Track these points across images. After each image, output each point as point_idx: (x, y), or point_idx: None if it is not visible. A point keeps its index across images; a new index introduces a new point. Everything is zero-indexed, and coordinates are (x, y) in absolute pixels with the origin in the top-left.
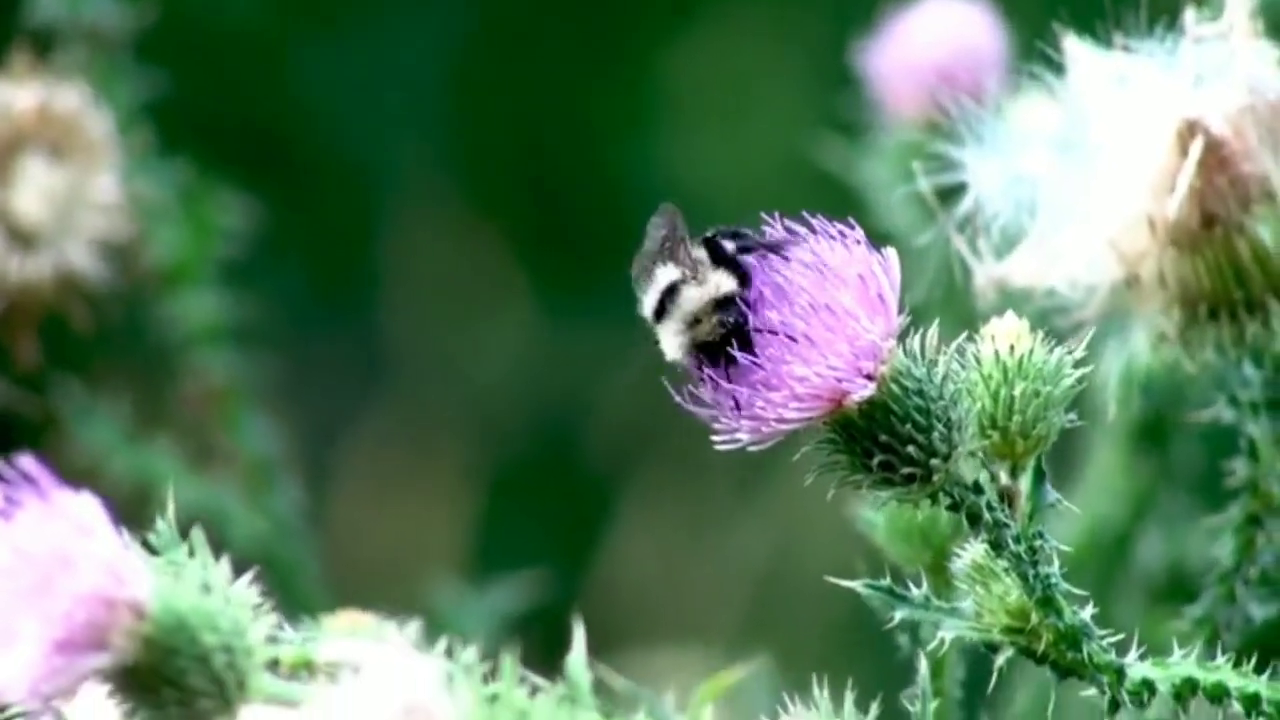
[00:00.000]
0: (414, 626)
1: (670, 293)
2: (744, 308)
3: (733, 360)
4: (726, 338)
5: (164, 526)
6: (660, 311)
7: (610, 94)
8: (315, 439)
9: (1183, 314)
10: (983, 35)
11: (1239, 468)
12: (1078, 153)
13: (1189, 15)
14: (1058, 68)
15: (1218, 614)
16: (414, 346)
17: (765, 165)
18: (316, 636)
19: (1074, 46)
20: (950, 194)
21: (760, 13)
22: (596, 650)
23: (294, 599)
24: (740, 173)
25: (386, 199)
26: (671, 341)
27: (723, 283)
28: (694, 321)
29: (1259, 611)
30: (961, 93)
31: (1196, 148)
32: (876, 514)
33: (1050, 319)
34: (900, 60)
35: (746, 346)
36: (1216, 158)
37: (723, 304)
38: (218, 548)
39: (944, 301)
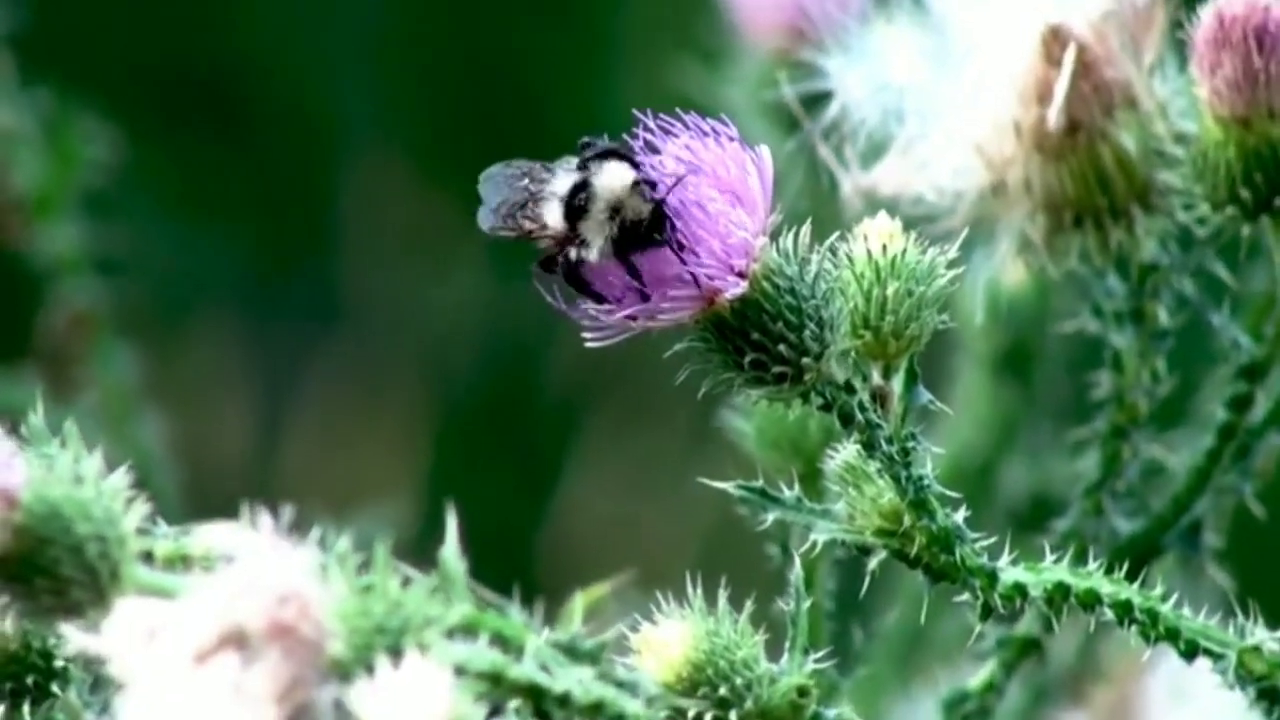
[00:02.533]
0: (286, 515)
1: (581, 188)
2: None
3: (658, 239)
4: (655, 215)
5: (35, 420)
6: (577, 212)
7: (559, 37)
8: (272, 383)
9: (1048, 221)
10: None
11: (1103, 380)
12: (944, 60)
13: None
14: None
15: (1085, 527)
16: (370, 292)
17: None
18: (189, 532)
19: None
20: (816, 103)
21: None
22: (551, 590)
23: None
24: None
25: (342, 147)
26: (596, 236)
27: (625, 172)
28: (617, 208)
29: (1125, 525)
30: (814, 18)
31: (1070, 54)
32: (747, 422)
33: (918, 227)
34: None
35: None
36: (1080, 63)
37: (636, 186)
38: None
39: (810, 212)
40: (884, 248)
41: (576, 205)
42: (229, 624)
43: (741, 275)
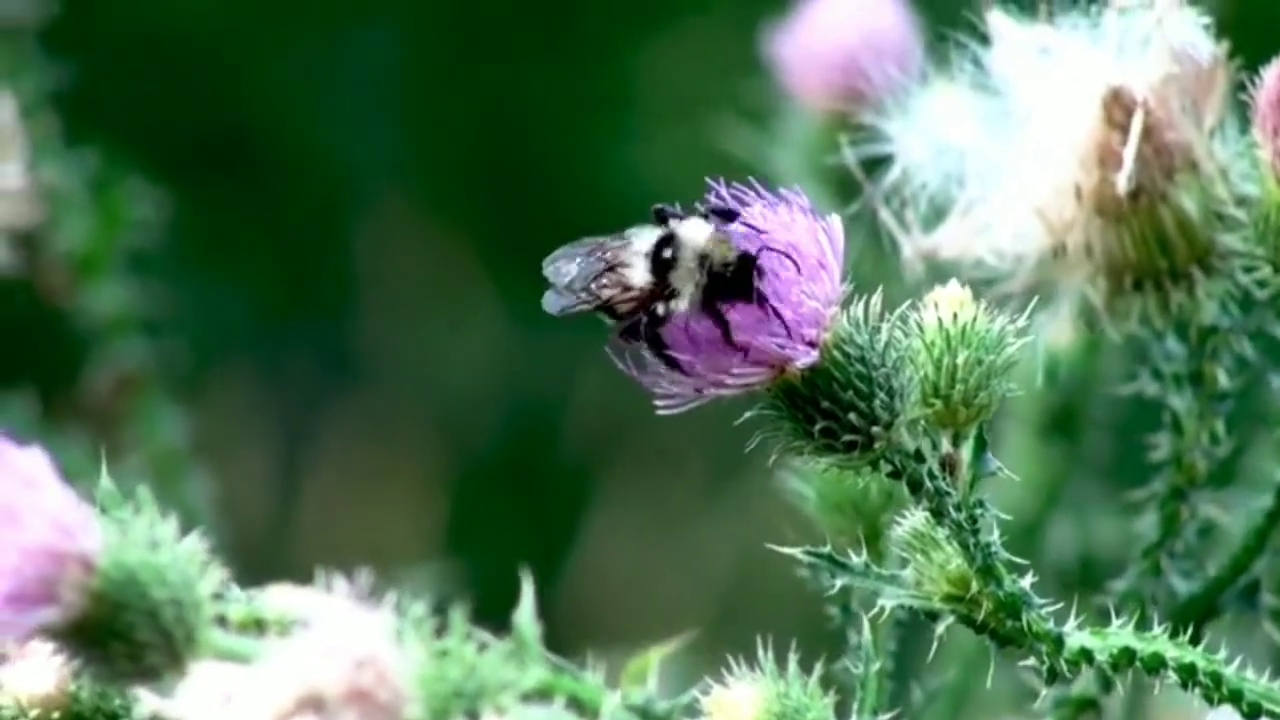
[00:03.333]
0: (362, 580)
1: (667, 241)
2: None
3: (744, 291)
4: (742, 262)
5: (107, 483)
6: (666, 264)
7: (575, 95)
8: (288, 438)
9: (1108, 284)
10: (891, 22)
11: (1162, 442)
12: (1004, 123)
13: None
14: (983, 41)
15: (1143, 588)
16: (386, 347)
17: (721, 166)
18: (264, 596)
19: (997, 19)
20: (875, 166)
21: (724, 12)
22: (568, 647)
23: None
24: (699, 172)
25: (359, 202)
26: (686, 284)
27: (707, 226)
28: (705, 255)
29: (1183, 586)
30: (870, 80)
31: (1137, 119)
32: (808, 486)
33: (978, 291)
34: (808, 47)
35: (746, 285)
36: (1144, 127)
37: (721, 236)
38: None
39: (871, 276)
40: (954, 316)
41: (665, 258)
42: (307, 688)
43: (812, 344)
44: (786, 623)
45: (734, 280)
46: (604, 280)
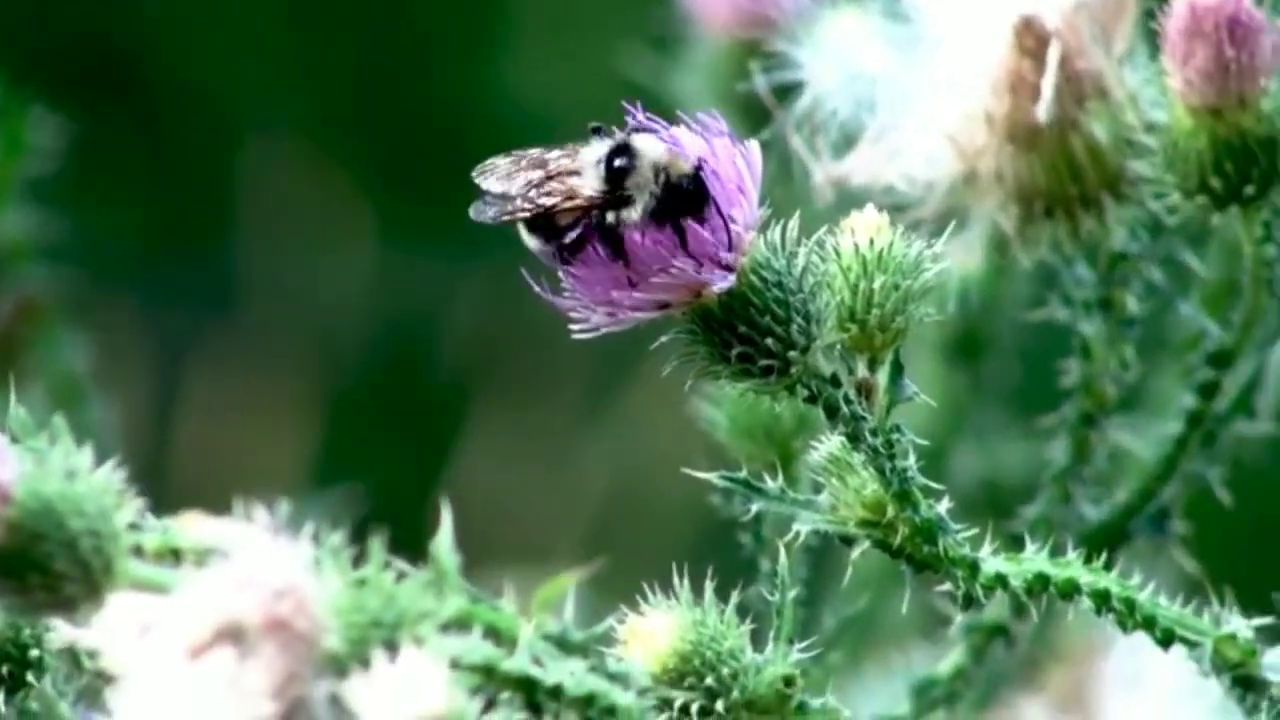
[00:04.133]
0: (281, 511)
1: (622, 151)
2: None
3: (702, 204)
4: (696, 178)
5: (22, 413)
6: (621, 172)
7: (446, 17)
8: (165, 364)
9: (1019, 211)
10: None
11: (1072, 367)
12: (915, 50)
13: None
14: None
15: (1053, 514)
16: (263, 273)
17: (605, 84)
18: (179, 525)
19: None
20: (785, 94)
21: None
22: None
23: None
24: (578, 92)
25: (237, 130)
26: (642, 194)
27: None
28: (662, 168)
29: (1093, 512)
30: (776, 6)
31: (1055, 50)
32: (718, 411)
33: (890, 218)
34: None
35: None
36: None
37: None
38: None
39: (782, 202)
40: (870, 241)
41: (620, 166)
42: (225, 618)
43: (729, 269)
44: (660, 544)
45: (689, 194)
46: (547, 188)
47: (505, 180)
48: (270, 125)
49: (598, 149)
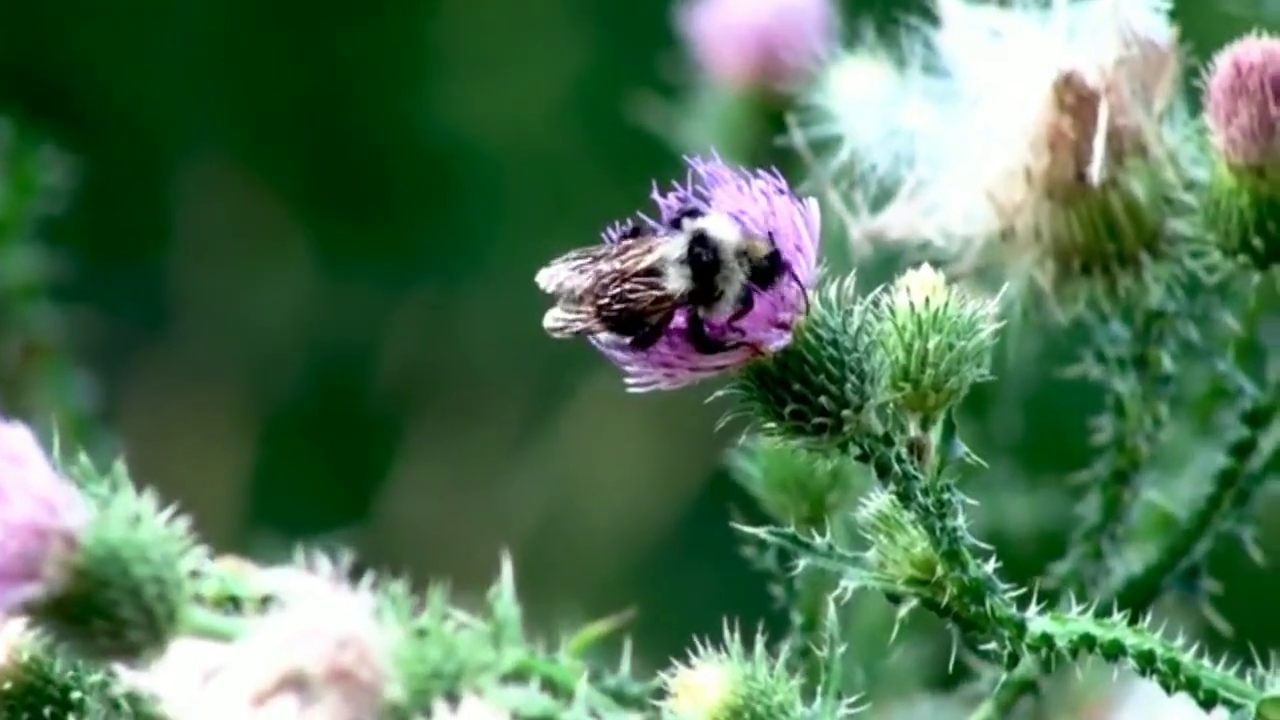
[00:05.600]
0: (345, 560)
1: (701, 242)
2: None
3: (779, 275)
4: (773, 257)
5: (85, 460)
6: (709, 267)
7: (382, 45)
8: (96, 383)
9: (1056, 267)
10: None
11: (1105, 424)
12: (954, 106)
13: None
14: (934, 23)
15: (1084, 570)
16: (198, 295)
17: (536, 114)
18: (238, 573)
19: (947, 1)
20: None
21: None
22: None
23: None
24: (513, 121)
25: (172, 150)
26: (733, 284)
27: (729, 221)
28: (744, 252)
29: (1121, 568)
30: (787, 55)
31: (1104, 111)
32: (753, 463)
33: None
34: (725, 22)
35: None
36: (1091, 111)
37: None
38: None
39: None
40: (926, 300)
41: (706, 263)
42: (289, 667)
43: (784, 327)
44: (591, 571)
45: (769, 270)
46: (630, 289)
47: (572, 281)
48: (204, 149)
49: (672, 243)
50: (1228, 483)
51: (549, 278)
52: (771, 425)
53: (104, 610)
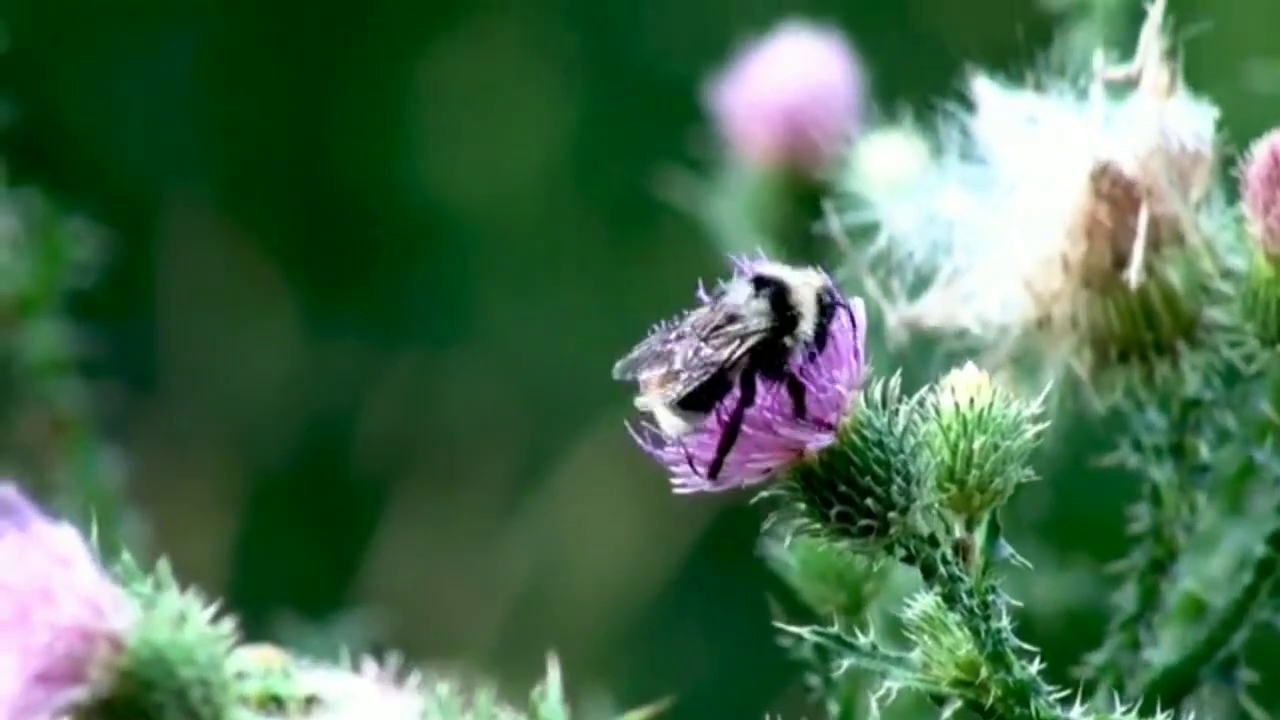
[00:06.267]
0: (392, 661)
1: (766, 283)
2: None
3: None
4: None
5: (127, 558)
6: (780, 297)
7: (368, 105)
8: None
9: (1093, 355)
10: (837, 76)
11: (1141, 513)
12: (991, 192)
13: (1098, 57)
14: (971, 109)
15: (1121, 660)
16: (182, 357)
17: (523, 176)
18: (273, 662)
19: (983, 87)
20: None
21: (510, 25)
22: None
23: None
24: (499, 183)
25: (157, 211)
26: (809, 315)
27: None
28: (806, 287)
29: (1158, 657)
30: (815, 134)
31: (1145, 211)
32: (790, 554)
33: (961, 360)
34: (753, 99)
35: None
36: (1129, 199)
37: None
38: None
39: None
40: (971, 400)
41: (777, 291)
42: None
43: (830, 428)
44: (576, 638)
45: (839, 309)
46: (714, 344)
47: (657, 362)
48: (188, 210)
49: (738, 295)
50: (1266, 572)
51: (627, 365)
52: (817, 526)
53: (150, 713)
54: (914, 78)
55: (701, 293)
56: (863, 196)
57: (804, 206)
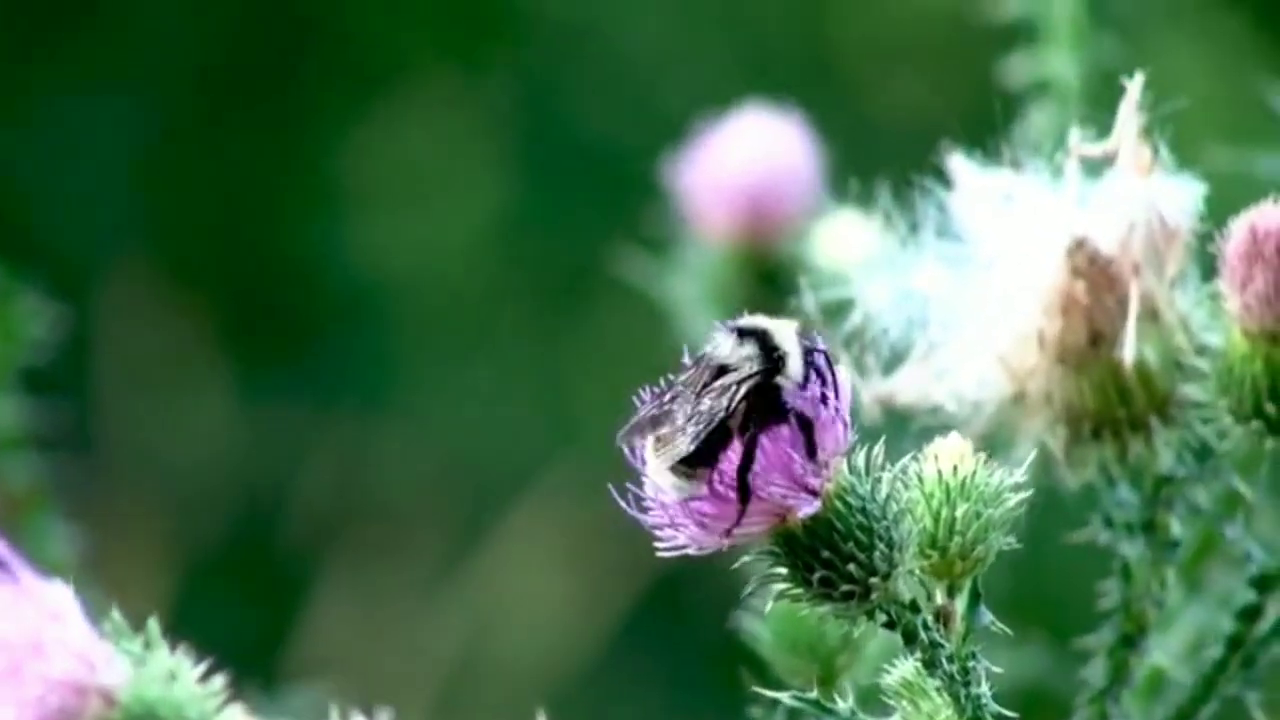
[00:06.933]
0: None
1: (749, 332)
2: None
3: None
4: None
5: (116, 616)
6: (764, 340)
7: (299, 178)
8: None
9: (1067, 432)
10: (796, 154)
11: (1111, 589)
12: (967, 269)
13: (1074, 134)
14: (948, 186)
15: None
16: (114, 428)
17: (451, 247)
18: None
19: (959, 164)
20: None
21: (442, 96)
22: None
23: None
24: (428, 253)
25: (90, 278)
26: (794, 353)
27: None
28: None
29: None
30: (776, 212)
31: (1135, 292)
32: (763, 626)
33: (933, 437)
34: (712, 177)
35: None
36: (1105, 276)
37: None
38: None
39: None
40: (954, 468)
41: (758, 334)
42: None
43: (814, 494)
44: (506, 710)
45: (822, 355)
46: (712, 395)
47: (654, 425)
48: (119, 278)
49: (723, 348)
50: (1234, 647)
51: (629, 433)
52: (798, 591)
53: None
54: (867, 159)
55: (686, 358)
56: (832, 273)
57: (765, 284)
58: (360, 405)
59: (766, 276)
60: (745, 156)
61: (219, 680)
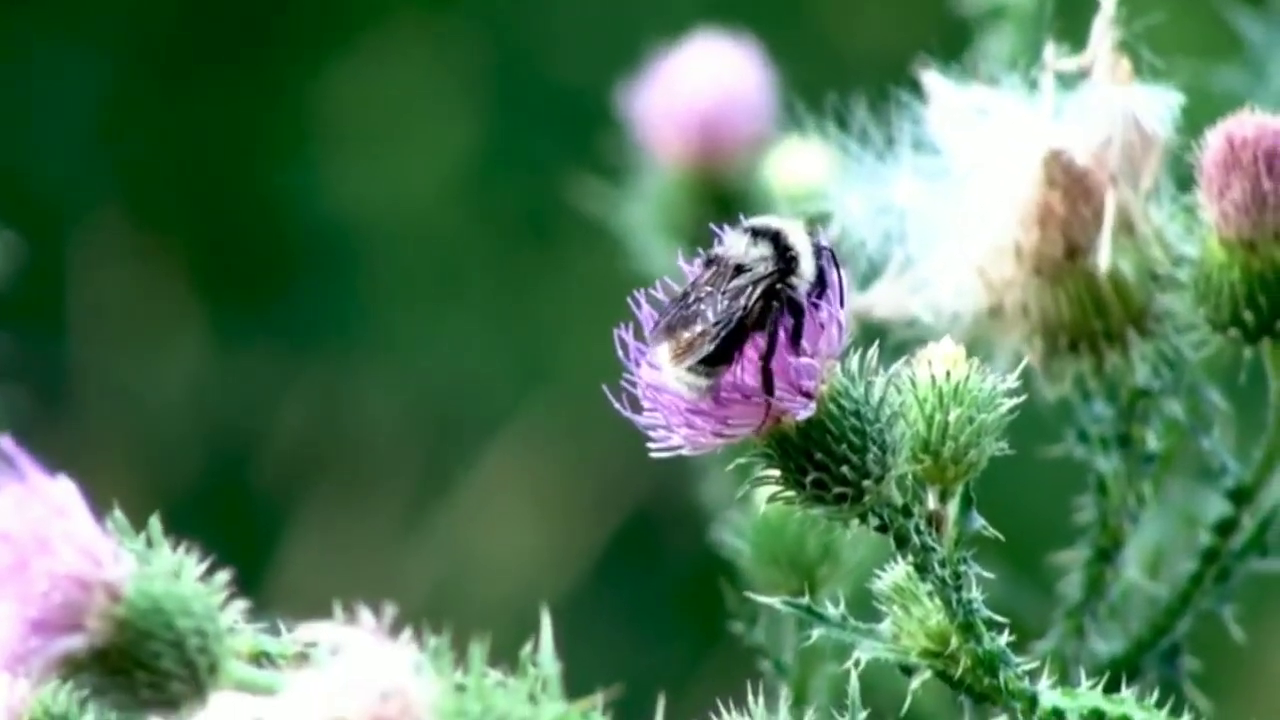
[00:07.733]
0: (388, 612)
1: (756, 230)
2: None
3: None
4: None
5: (119, 515)
6: (777, 241)
7: (270, 121)
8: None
9: (1044, 344)
10: (750, 79)
11: (1087, 504)
12: (944, 182)
13: (1049, 49)
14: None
15: (1066, 648)
16: (89, 371)
17: (422, 188)
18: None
19: (933, 80)
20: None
21: (411, 38)
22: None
23: None
24: (399, 195)
25: (64, 227)
26: (807, 253)
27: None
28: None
29: (1104, 647)
30: (730, 137)
31: (1111, 201)
32: (743, 539)
33: (911, 349)
34: (665, 104)
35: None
36: (1081, 188)
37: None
38: None
39: None
40: (947, 373)
41: (770, 234)
42: (332, 719)
43: (809, 396)
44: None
45: (830, 253)
46: (729, 296)
47: (685, 324)
48: (95, 223)
49: (735, 247)
50: (1210, 560)
51: (655, 345)
52: (791, 494)
53: (146, 662)
54: (822, 82)
55: (681, 262)
56: (790, 196)
57: (719, 209)
58: (333, 347)
59: (720, 201)
60: (697, 82)
61: (221, 577)
